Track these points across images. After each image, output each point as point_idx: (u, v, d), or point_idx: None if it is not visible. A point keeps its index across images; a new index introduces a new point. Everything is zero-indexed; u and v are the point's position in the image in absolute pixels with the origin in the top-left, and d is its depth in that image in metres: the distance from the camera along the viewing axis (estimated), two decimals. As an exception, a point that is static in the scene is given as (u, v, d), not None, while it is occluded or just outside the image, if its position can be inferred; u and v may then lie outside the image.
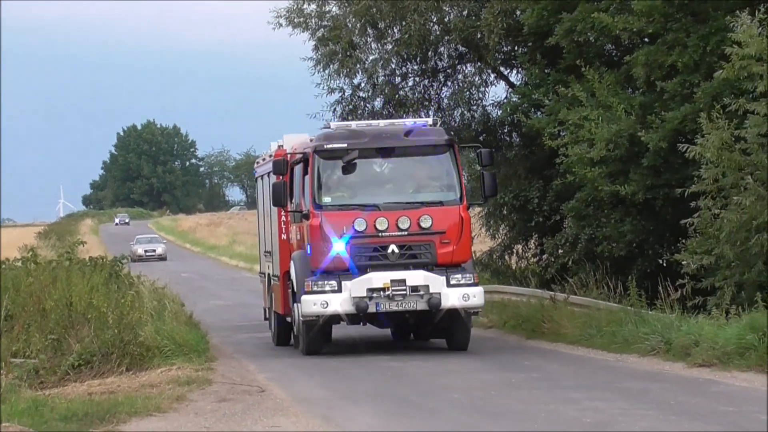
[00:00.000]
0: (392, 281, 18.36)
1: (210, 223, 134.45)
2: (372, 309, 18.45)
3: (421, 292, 18.18)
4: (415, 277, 18.37)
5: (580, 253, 33.49)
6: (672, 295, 26.01)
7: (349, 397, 18.98)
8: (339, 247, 18.80)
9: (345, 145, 19.30)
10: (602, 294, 28.33)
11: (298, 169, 20.82)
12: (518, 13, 37.65)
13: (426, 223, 18.52)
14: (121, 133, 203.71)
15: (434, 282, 18.26)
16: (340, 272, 18.76)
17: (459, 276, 18.39)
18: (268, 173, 27.05)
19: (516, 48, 40.99)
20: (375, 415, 16.56)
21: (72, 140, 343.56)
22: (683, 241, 27.69)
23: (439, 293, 18.27)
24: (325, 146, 19.44)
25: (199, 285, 57.99)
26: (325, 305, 18.56)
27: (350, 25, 43.88)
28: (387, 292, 18.26)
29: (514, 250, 43.05)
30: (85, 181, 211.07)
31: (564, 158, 30.48)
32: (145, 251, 78.10)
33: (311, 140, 22.76)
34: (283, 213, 23.10)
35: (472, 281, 18.76)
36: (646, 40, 31.52)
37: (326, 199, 19.51)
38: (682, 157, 27.27)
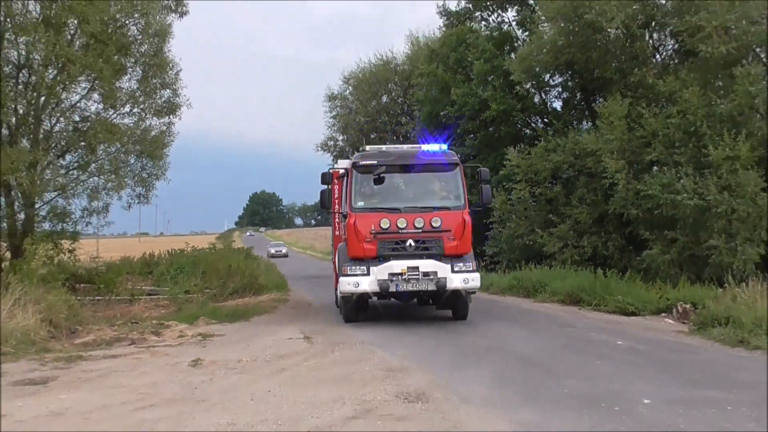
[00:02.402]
0: (408, 268, 14.94)
1: (289, 234, 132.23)
2: (393, 289, 14.92)
3: (431, 277, 14.84)
4: (427, 264, 14.92)
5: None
6: (482, 264, 25.81)
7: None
8: (368, 240, 15.11)
9: (376, 162, 15.75)
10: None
11: (345, 181, 16.97)
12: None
13: (436, 223, 14.95)
14: (251, 195, 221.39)
15: (441, 269, 14.87)
16: (369, 260, 15.16)
17: (461, 264, 14.99)
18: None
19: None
20: (372, 324, 15.85)
21: (230, 197, 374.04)
22: (486, 241, 28.14)
23: (445, 277, 14.85)
24: (360, 163, 15.81)
25: (283, 261, 56.77)
26: (357, 285, 14.98)
27: (347, 149, 42.56)
28: (404, 276, 14.88)
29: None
30: (236, 215, 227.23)
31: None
32: (276, 251, 68.63)
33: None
34: (336, 214, 18.83)
35: (471, 269, 15.14)
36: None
37: (360, 204, 15.65)
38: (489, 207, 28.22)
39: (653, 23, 24.04)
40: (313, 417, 7.47)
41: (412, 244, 14.95)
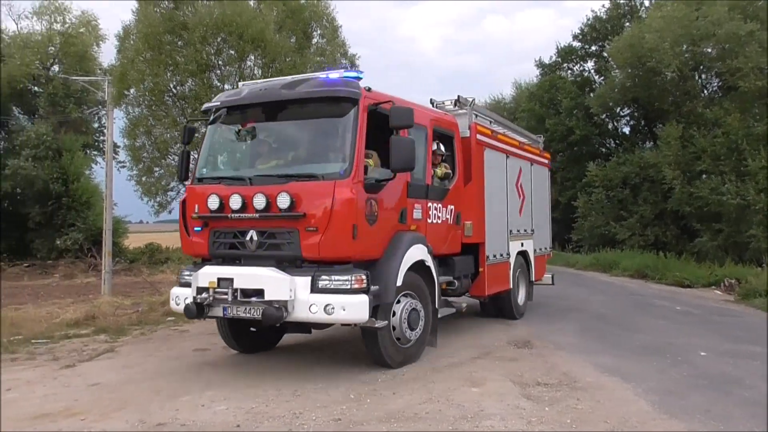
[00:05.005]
0: (219, 280, 5.64)
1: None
2: (219, 313, 5.69)
3: (253, 297, 5.47)
4: (251, 276, 5.51)
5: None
6: (569, 247, 26.88)
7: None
8: (198, 230, 6.12)
9: (218, 103, 6.30)
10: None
11: None
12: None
13: (283, 202, 5.44)
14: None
15: (278, 285, 5.35)
16: (205, 262, 6.21)
17: (330, 279, 5.33)
18: None
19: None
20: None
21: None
22: (572, 230, 26.37)
23: (285, 301, 5.29)
24: (204, 106, 6.63)
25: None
26: (178, 302, 6.09)
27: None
28: (210, 294, 5.67)
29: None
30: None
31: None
32: None
33: None
34: None
35: (348, 287, 5.25)
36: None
37: (203, 171, 6.40)
38: (573, 206, 26.39)
39: (701, 66, 23.19)
40: (448, 357, 7.28)
41: (254, 237, 5.98)
